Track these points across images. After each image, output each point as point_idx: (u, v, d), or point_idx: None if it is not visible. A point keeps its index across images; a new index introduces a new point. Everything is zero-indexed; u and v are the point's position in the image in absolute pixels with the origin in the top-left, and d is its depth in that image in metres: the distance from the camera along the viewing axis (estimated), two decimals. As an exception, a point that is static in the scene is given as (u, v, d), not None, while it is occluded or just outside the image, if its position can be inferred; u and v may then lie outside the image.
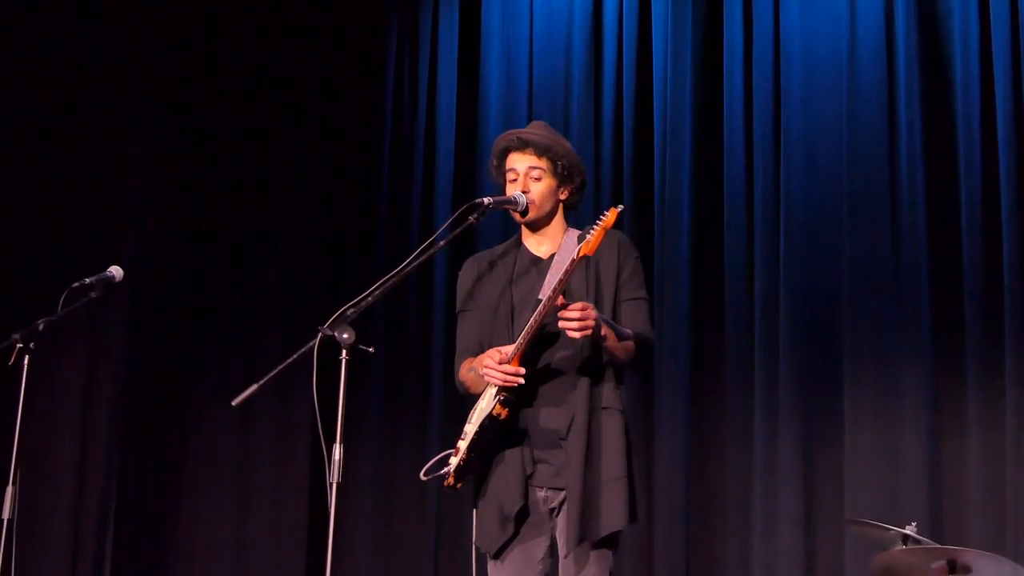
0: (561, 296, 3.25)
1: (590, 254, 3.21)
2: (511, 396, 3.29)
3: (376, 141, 6.37)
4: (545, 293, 3.35)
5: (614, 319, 3.42)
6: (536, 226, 3.55)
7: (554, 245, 3.54)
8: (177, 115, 6.41)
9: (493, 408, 3.28)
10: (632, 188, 5.78)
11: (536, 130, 3.56)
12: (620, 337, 3.36)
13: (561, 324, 3.22)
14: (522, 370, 3.27)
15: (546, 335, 3.35)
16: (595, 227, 3.21)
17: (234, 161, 6.43)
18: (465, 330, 3.57)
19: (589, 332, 3.22)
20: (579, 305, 3.22)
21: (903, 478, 5.06)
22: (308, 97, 6.48)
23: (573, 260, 3.22)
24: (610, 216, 3.20)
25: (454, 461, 3.36)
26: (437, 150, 6.24)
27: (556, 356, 3.38)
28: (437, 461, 3.37)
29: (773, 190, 5.50)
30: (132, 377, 6.18)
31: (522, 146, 3.51)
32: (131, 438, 6.15)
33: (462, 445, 3.36)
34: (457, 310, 3.63)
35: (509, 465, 3.36)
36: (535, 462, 3.36)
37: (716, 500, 5.42)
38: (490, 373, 3.28)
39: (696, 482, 5.44)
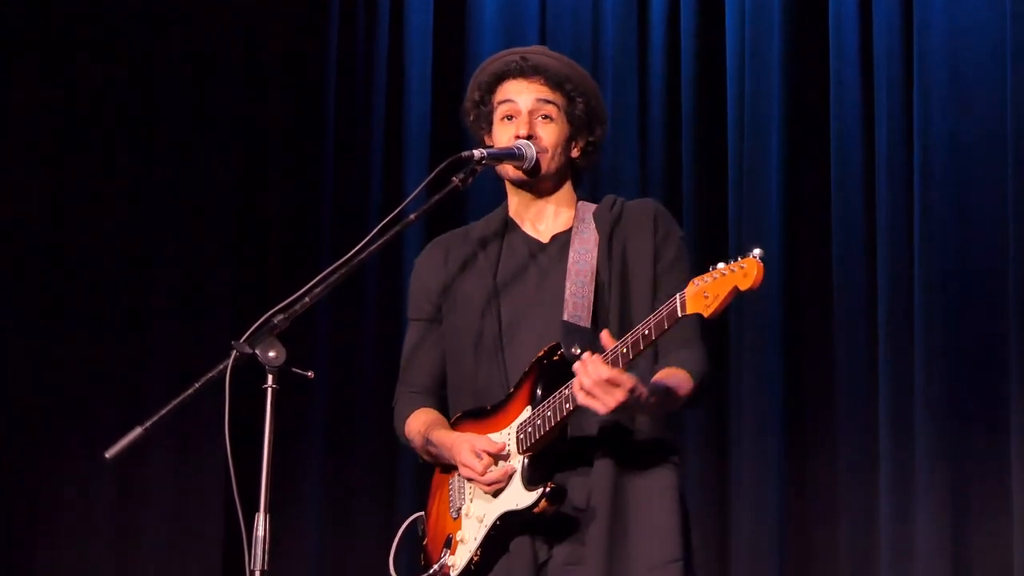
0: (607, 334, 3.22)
1: (706, 316, 3.08)
2: (562, 489, 3.30)
3: (315, 65, 6.35)
4: (571, 312, 3.33)
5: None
6: (540, 192, 3.54)
7: (561, 223, 3.53)
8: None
9: (537, 505, 3.30)
10: (695, 135, 5.78)
11: (542, 53, 3.56)
12: (665, 401, 3.31)
13: (575, 385, 3.18)
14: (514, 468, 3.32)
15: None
16: (716, 273, 3.06)
17: (101, 81, 6.38)
18: (418, 355, 3.60)
19: (603, 411, 3.17)
20: (619, 377, 3.13)
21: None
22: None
23: (665, 318, 3.11)
24: (748, 269, 3.01)
25: (455, 561, 3.39)
26: (406, 81, 6.23)
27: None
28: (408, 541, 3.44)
29: (902, 132, 5.49)
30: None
31: (528, 72, 3.50)
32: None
33: (466, 537, 3.38)
34: (408, 315, 3.65)
35: (513, 550, 3.37)
36: (550, 545, 3.37)
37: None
38: (475, 480, 3.36)
39: (793, 570, 5.44)
